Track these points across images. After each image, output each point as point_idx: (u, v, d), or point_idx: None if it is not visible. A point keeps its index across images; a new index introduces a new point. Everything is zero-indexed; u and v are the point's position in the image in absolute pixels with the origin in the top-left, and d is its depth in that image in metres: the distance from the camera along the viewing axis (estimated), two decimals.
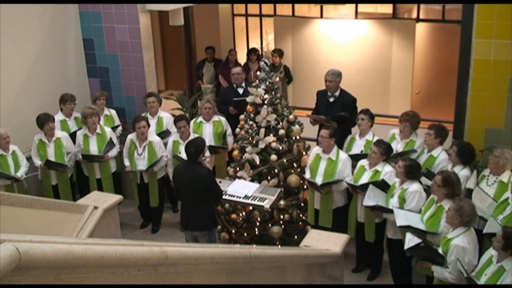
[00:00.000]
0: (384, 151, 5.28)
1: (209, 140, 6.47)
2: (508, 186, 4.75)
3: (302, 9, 10.21)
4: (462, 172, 5.05)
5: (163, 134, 6.80)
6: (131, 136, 6.59)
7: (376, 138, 5.78)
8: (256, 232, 6.03)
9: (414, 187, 4.90)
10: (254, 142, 5.92)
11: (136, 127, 6.41)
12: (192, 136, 6.36)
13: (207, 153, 6.08)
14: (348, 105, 6.28)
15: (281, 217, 5.88)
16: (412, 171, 4.92)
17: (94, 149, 6.57)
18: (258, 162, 5.88)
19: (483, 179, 5.03)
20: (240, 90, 6.94)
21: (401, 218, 4.70)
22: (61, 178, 6.57)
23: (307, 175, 5.74)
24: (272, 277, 3.98)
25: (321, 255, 4.65)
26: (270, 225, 5.94)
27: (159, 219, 7.02)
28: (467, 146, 5.21)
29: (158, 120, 6.99)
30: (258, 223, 6.01)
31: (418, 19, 9.27)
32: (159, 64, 10.67)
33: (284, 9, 10.39)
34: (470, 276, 3.97)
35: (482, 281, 3.92)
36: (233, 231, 6.07)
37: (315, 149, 5.78)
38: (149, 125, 6.51)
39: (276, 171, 5.89)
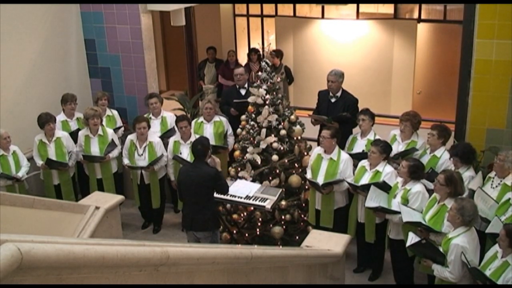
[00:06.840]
0: (383, 149, 5.27)
1: (210, 140, 6.46)
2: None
3: (303, 10, 10.21)
4: (466, 173, 5.06)
5: (169, 133, 6.80)
6: (131, 137, 6.59)
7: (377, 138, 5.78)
8: (258, 233, 6.03)
9: (417, 187, 4.89)
10: (255, 142, 5.92)
11: (137, 127, 6.41)
12: (193, 136, 6.36)
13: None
14: (349, 106, 6.27)
15: (283, 217, 5.88)
16: (416, 171, 4.91)
17: (95, 150, 6.56)
18: (259, 163, 5.88)
19: (489, 181, 5.03)
20: (243, 91, 6.93)
21: (407, 214, 4.71)
22: (63, 178, 6.58)
23: (309, 175, 5.74)
24: (274, 277, 3.98)
25: (322, 255, 4.65)
26: (271, 225, 5.93)
27: (161, 219, 7.02)
28: (467, 147, 5.21)
29: (162, 120, 6.99)
30: (259, 224, 6.01)
31: (419, 20, 9.26)
32: (160, 64, 10.68)
33: (285, 9, 10.38)
34: (475, 267, 3.99)
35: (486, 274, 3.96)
36: (235, 231, 6.07)
37: (317, 150, 5.78)
38: (149, 126, 6.51)
39: (277, 171, 5.89)
